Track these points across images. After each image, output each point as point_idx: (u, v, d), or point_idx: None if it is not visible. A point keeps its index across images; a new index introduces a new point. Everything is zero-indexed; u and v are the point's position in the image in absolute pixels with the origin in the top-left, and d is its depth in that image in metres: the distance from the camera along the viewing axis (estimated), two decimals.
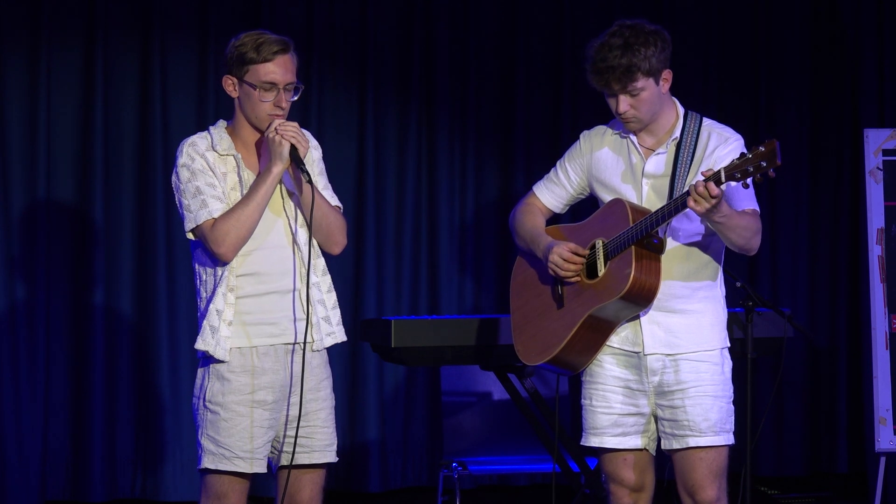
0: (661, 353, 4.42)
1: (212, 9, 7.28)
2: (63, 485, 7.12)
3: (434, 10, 7.57)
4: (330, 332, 4.42)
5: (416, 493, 7.53)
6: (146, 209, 7.21)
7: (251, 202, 4.26)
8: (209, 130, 4.40)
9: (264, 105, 4.31)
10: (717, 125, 4.48)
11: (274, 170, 4.27)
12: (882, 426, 6.63)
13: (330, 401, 4.43)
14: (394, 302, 7.49)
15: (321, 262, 4.43)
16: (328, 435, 4.41)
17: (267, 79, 4.29)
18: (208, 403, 4.33)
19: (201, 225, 4.29)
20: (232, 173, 4.34)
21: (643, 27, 4.35)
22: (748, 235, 4.35)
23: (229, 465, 4.30)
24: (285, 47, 4.32)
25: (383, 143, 7.54)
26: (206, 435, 4.33)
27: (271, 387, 4.32)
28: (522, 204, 4.70)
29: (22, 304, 7.07)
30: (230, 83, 4.35)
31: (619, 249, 4.36)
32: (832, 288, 7.90)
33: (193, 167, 4.32)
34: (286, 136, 4.26)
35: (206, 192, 4.30)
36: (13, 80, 7.09)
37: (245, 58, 4.29)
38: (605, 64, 4.31)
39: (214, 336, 4.29)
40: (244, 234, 4.27)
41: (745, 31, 7.87)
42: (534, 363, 4.55)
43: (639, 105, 4.36)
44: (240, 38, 4.33)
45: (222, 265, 4.30)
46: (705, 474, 4.42)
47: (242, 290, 4.31)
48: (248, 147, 4.39)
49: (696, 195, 4.16)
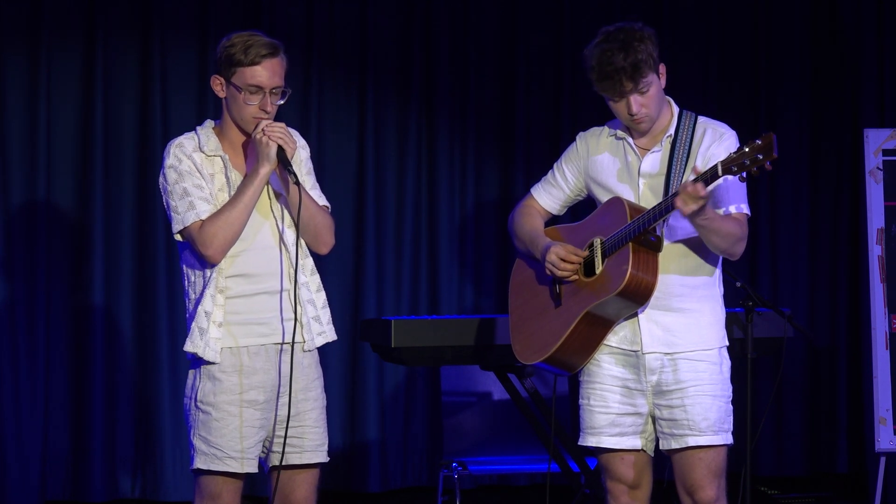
0: (660, 352, 4.43)
1: (212, 9, 7.29)
2: (63, 485, 7.12)
3: (434, 10, 7.57)
4: (321, 332, 4.42)
5: (416, 493, 7.53)
6: (146, 209, 7.21)
7: (238, 203, 4.26)
8: (196, 131, 4.39)
9: (249, 108, 4.30)
10: (711, 121, 4.49)
11: (261, 171, 4.26)
12: (882, 426, 6.64)
13: (321, 400, 4.42)
14: (394, 302, 7.49)
15: (309, 261, 4.43)
16: (319, 435, 4.40)
17: (253, 82, 4.28)
18: (199, 403, 4.33)
19: (189, 227, 4.28)
20: (219, 174, 4.34)
21: (631, 27, 4.37)
22: (731, 241, 4.35)
23: (221, 465, 4.31)
24: (274, 51, 4.30)
25: (383, 143, 7.54)
26: (198, 435, 4.33)
27: (262, 386, 4.32)
28: (520, 206, 4.72)
29: (22, 303, 7.07)
30: (218, 83, 4.35)
31: (616, 247, 4.37)
32: (832, 288, 7.90)
33: (181, 168, 4.31)
34: (273, 136, 4.25)
35: (194, 194, 4.29)
36: (13, 81, 7.09)
37: (233, 59, 4.29)
38: (613, 67, 4.31)
39: (203, 337, 4.29)
40: (232, 235, 4.27)
41: (745, 31, 7.87)
42: (530, 362, 4.55)
43: (649, 103, 4.38)
44: (230, 39, 4.33)
45: (210, 266, 4.29)
46: (704, 474, 4.42)
47: (232, 290, 4.31)
48: (235, 148, 4.38)
49: (684, 195, 4.17)
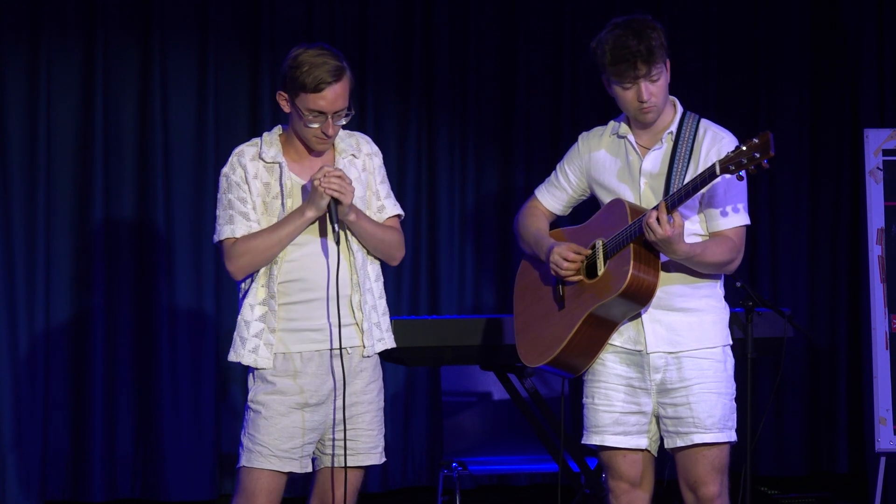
0: (664, 352, 4.43)
1: (212, 8, 7.28)
2: (63, 485, 7.12)
3: (434, 11, 7.57)
4: (380, 338, 4.46)
5: (416, 493, 7.54)
6: (146, 209, 7.21)
7: (274, 236, 4.31)
8: (262, 136, 4.43)
9: (311, 129, 4.32)
10: (713, 125, 4.50)
11: (307, 214, 4.30)
12: (882, 426, 6.63)
13: (376, 403, 4.47)
14: (394, 302, 7.49)
15: (376, 266, 4.48)
16: (373, 437, 4.45)
17: (315, 107, 4.28)
18: (251, 403, 4.39)
19: (223, 240, 4.36)
20: (275, 182, 4.37)
21: (643, 18, 4.39)
22: (720, 264, 4.39)
23: (264, 463, 4.35)
24: (338, 76, 4.30)
25: (383, 143, 7.51)
26: (247, 434, 4.39)
27: (315, 390, 4.36)
28: (525, 208, 4.73)
29: (22, 303, 7.07)
30: (283, 99, 4.35)
31: (618, 248, 4.37)
32: (832, 288, 7.90)
33: (232, 179, 4.37)
34: (329, 188, 4.25)
35: (236, 208, 4.35)
36: (13, 80, 7.09)
37: (296, 83, 4.27)
38: (629, 50, 4.32)
39: (245, 346, 4.37)
40: (257, 262, 4.33)
41: (745, 30, 7.87)
42: (535, 365, 4.56)
43: (658, 92, 4.39)
44: (297, 58, 4.29)
45: (251, 277, 4.36)
46: (708, 469, 4.43)
47: (287, 296, 4.35)
48: (300, 153, 4.41)
49: (646, 224, 4.23)
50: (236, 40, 7.35)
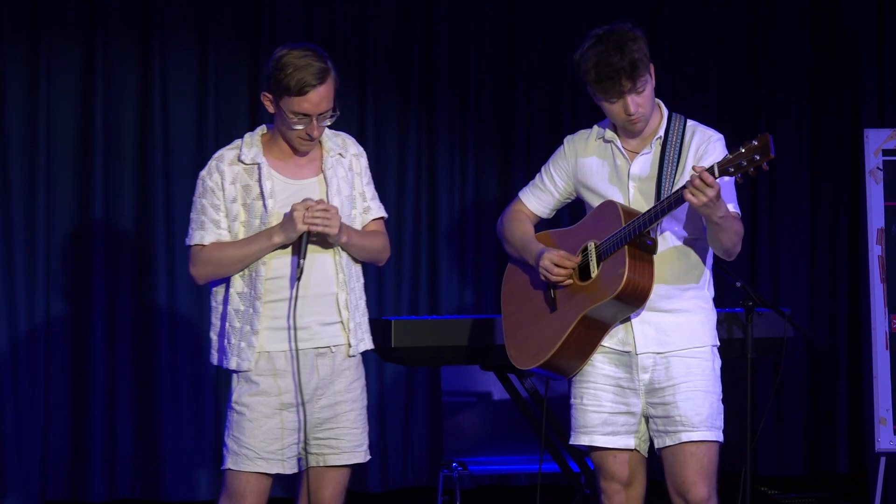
0: (653, 352, 4.43)
1: (212, 8, 7.28)
2: (63, 485, 7.12)
3: (434, 11, 7.57)
4: (362, 339, 4.46)
5: (416, 493, 7.53)
6: (146, 209, 7.21)
7: (239, 252, 4.31)
8: (243, 138, 4.42)
9: (295, 131, 4.31)
10: (700, 125, 4.50)
11: (275, 239, 4.29)
12: (882, 426, 6.63)
13: (360, 402, 4.46)
14: (394, 302, 7.49)
15: (359, 267, 4.47)
16: (357, 436, 4.45)
17: (300, 110, 4.26)
18: (235, 404, 4.38)
19: (192, 245, 4.37)
20: (254, 184, 4.35)
21: (621, 29, 4.38)
22: (736, 240, 4.37)
23: (251, 466, 4.35)
24: (322, 78, 4.25)
25: (383, 143, 7.54)
26: (231, 436, 4.38)
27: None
28: (509, 211, 4.72)
29: (22, 303, 7.07)
30: (267, 100, 4.33)
31: (611, 250, 4.37)
32: (832, 288, 7.89)
33: (207, 183, 4.37)
34: (311, 223, 4.24)
35: (208, 214, 4.35)
36: (13, 80, 7.09)
37: (280, 85, 4.24)
38: (612, 67, 4.31)
39: (230, 350, 4.37)
40: (219, 273, 4.36)
41: (745, 30, 7.87)
42: (526, 367, 4.55)
43: (645, 102, 4.39)
44: (281, 59, 4.25)
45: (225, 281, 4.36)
46: (696, 471, 4.41)
47: (272, 294, 4.34)
48: (284, 152, 4.40)
49: (692, 188, 4.16)
50: (236, 40, 7.35)
